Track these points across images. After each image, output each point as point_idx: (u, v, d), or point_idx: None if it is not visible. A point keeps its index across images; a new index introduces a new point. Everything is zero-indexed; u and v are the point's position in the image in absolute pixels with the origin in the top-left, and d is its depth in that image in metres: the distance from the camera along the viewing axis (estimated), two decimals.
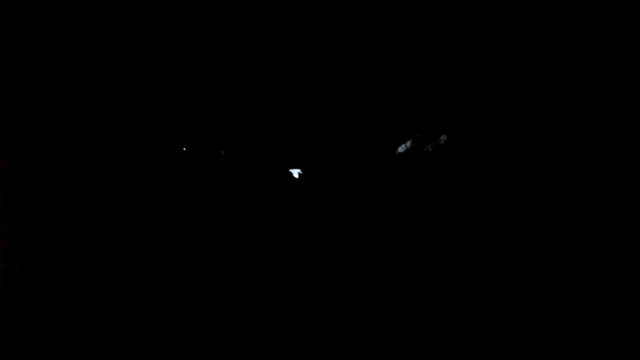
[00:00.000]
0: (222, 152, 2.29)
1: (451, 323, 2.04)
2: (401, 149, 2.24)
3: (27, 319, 2.09)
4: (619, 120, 2.09)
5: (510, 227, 2.13)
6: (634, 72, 2.02)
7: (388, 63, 2.25)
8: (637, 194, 2.03)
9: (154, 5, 2.27)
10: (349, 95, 2.27)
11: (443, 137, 2.20)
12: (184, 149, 2.29)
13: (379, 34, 2.24)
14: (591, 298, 2.03)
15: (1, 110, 2.25)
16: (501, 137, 2.19)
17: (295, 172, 2.26)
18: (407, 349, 2.02)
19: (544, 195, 2.13)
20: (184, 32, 2.29)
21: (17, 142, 2.24)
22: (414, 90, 2.25)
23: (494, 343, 2.00)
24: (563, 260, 2.07)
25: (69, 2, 2.27)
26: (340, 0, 2.21)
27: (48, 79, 2.29)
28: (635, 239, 2.01)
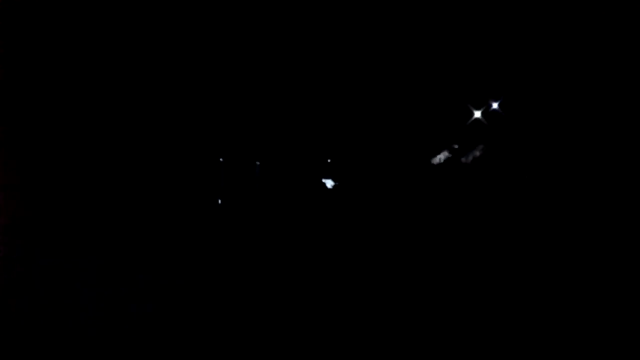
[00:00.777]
0: (257, 162, 2.33)
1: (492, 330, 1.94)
2: (437, 159, 2.21)
3: (26, 318, 2.09)
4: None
5: (547, 235, 2.04)
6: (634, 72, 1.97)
7: (427, 76, 2.27)
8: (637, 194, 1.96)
9: (193, 14, 2.39)
10: (386, 107, 2.29)
11: (480, 148, 2.17)
12: (221, 159, 2.34)
13: (421, 47, 2.27)
14: (593, 298, 1.93)
15: (18, 107, 2.36)
16: (538, 150, 2.14)
17: (329, 183, 2.26)
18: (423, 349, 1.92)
19: (584, 205, 2.04)
20: (222, 46, 2.39)
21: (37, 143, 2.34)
22: (451, 102, 2.24)
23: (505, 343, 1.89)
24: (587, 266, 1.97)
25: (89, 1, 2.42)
26: (382, 15, 2.27)
27: (68, 80, 2.42)
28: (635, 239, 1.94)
